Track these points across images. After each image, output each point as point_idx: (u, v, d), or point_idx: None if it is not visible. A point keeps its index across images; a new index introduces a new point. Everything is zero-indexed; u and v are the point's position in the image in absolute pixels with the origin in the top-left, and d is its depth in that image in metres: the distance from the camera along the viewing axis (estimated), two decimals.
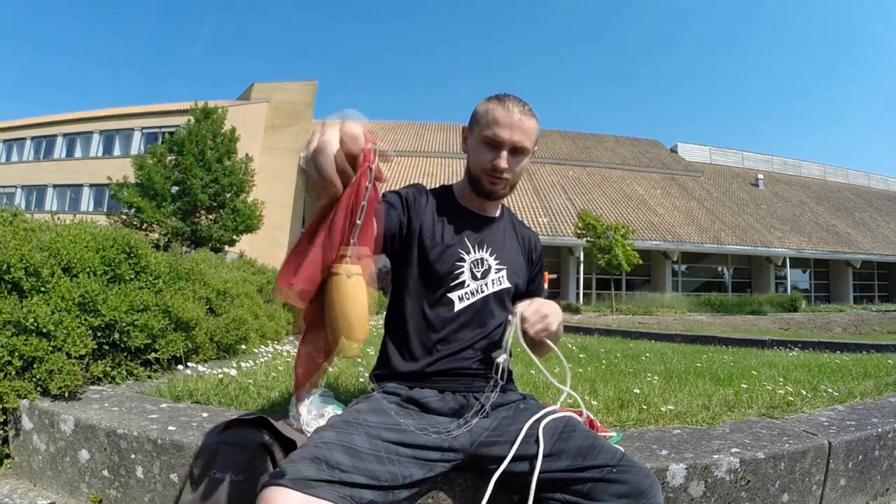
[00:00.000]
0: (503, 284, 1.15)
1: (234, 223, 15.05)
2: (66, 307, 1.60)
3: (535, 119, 1.10)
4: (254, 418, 1.07)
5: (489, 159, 1.07)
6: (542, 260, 1.30)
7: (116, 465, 1.27)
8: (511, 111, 1.06)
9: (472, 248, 1.13)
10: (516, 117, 1.06)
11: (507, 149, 1.07)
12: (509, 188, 1.13)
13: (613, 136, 30.11)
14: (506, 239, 1.20)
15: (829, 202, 27.58)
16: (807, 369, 2.88)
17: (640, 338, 6.83)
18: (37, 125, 23.22)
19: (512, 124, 1.06)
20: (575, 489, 0.88)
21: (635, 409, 1.61)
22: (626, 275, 17.07)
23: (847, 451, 1.36)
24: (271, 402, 1.60)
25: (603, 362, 3.15)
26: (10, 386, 1.43)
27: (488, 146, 1.08)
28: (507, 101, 1.08)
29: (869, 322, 14.68)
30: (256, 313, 3.11)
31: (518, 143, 1.07)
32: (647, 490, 0.85)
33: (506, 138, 1.06)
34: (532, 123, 1.08)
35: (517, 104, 1.07)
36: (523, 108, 1.08)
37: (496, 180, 1.09)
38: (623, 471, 0.87)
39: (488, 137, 1.07)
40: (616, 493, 0.85)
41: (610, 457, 0.89)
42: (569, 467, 0.89)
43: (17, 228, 1.74)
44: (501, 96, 1.10)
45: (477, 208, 1.18)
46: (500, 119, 1.06)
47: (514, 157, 1.08)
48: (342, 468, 0.80)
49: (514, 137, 1.06)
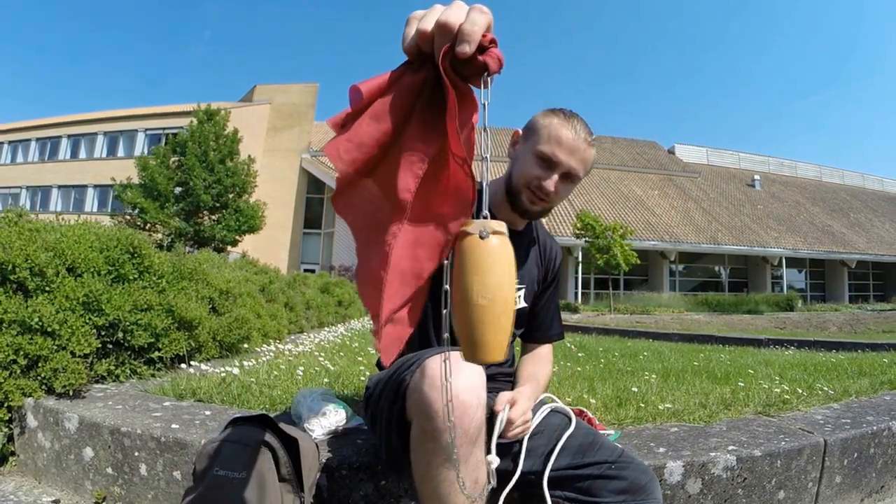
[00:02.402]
0: (520, 304, 1.12)
1: (237, 224, 15.14)
2: (70, 307, 1.61)
3: (594, 149, 1.03)
4: (256, 416, 1.08)
5: (537, 176, 0.99)
6: (558, 274, 1.23)
7: (120, 463, 1.28)
8: (578, 135, 0.98)
9: None
10: (580, 144, 0.98)
11: (561, 172, 0.99)
12: (546, 212, 1.06)
13: (611, 138, 30.12)
14: (529, 256, 1.14)
15: (824, 203, 27.67)
16: (803, 368, 2.90)
17: (638, 337, 6.84)
18: (41, 127, 23.31)
19: (575, 150, 0.98)
20: (576, 486, 0.89)
21: (633, 407, 1.62)
22: (623, 274, 17.09)
23: (842, 449, 1.37)
24: (273, 400, 1.61)
25: (601, 361, 3.17)
26: (15, 384, 1.44)
27: (541, 162, 0.99)
28: (574, 121, 1.00)
29: (864, 321, 14.74)
30: (259, 313, 3.12)
31: (573, 170, 0.99)
32: (645, 486, 0.86)
33: (563, 161, 0.98)
34: (592, 154, 1.02)
35: (584, 129, 1.00)
36: (588, 136, 1.00)
37: (537, 200, 1.02)
38: (622, 467, 0.88)
39: (545, 154, 0.98)
40: (615, 489, 0.86)
41: (609, 453, 0.90)
42: (570, 465, 0.90)
43: (23, 229, 1.75)
44: (569, 114, 1.01)
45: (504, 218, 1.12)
46: (564, 139, 0.98)
47: (563, 182, 1.01)
48: None
49: (573, 163, 0.99)
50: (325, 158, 18.97)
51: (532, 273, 1.14)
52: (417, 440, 0.77)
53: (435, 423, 0.72)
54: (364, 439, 1.22)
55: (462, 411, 0.72)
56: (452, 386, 0.71)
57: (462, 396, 0.72)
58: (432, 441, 0.74)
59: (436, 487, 0.75)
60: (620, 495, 0.86)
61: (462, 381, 0.73)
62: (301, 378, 1.93)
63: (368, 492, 1.09)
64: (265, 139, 21.71)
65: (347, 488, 1.09)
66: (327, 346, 3.39)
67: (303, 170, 21.87)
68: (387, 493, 1.09)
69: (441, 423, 0.72)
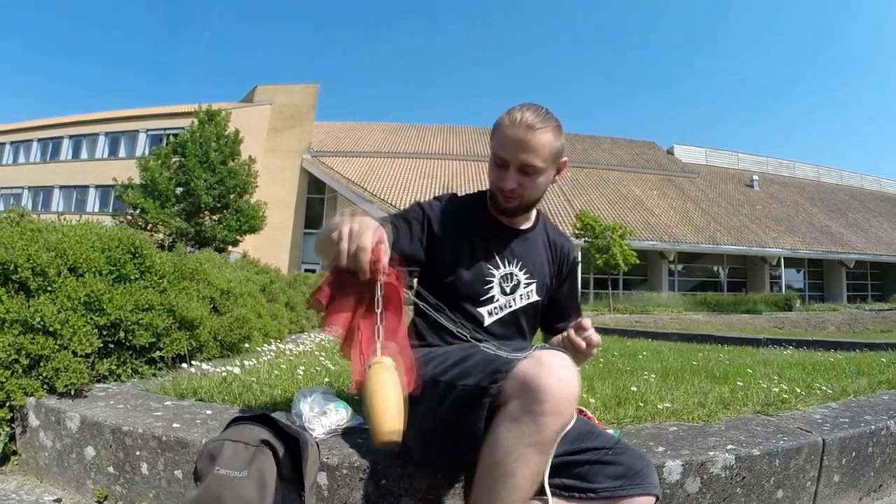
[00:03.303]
0: (532, 298, 1.14)
1: (238, 224, 15.17)
2: (72, 306, 1.61)
3: (549, 134, 0.99)
4: (257, 416, 1.08)
5: (497, 177, 1.03)
6: (574, 268, 1.24)
7: (122, 462, 1.28)
8: (517, 129, 0.97)
9: (502, 262, 1.11)
10: (521, 135, 0.97)
11: (514, 168, 1.00)
12: (524, 207, 1.08)
13: (611, 138, 30.15)
14: (538, 252, 1.16)
15: (822, 203, 27.71)
16: (801, 367, 2.90)
17: (637, 336, 6.85)
18: (43, 127, 23.38)
19: (517, 144, 0.98)
20: (573, 472, 0.90)
21: (632, 406, 1.62)
22: (623, 274, 17.11)
23: (841, 448, 1.38)
24: (274, 399, 1.62)
25: (600, 360, 3.17)
26: (17, 384, 1.45)
27: (496, 164, 1.03)
28: (515, 114, 0.99)
29: (862, 321, 14.77)
30: (259, 312, 3.12)
31: (526, 160, 0.99)
32: (641, 471, 0.87)
33: (507, 158, 1.00)
34: (542, 140, 0.98)
35: (530, 118, 0.98)
36: (532, 125, 0.97)
37: (509, 199, 1.05)
38: (618, 453, 0.89)
39: (495, 156, 1.02)
40: (611, 475, 0.87)
41: (605, 440, 0.92)
42: (567, 451, 0.91)
43: (24, 229, 1.75)
44: (515, 109, 1.01)
45: (507, 220, 1.14)
46: (506, 136, 0.99)
47: (524, 175, 1.01)
48: None
49: (519, 157, 0.98)
50: (326, 159, 18.98)
51: (543, 269, 1.16)
52: (514, 420, 0.79)
53: (545, 406, 0.76)
54: (364, 438, 1.22)
55: (569, 402, 0.77)
56: (569, 380, 0.77)
57: (574, 389, 0.78)
58: (532, 424, 0.77)
59: (516, 468, 0.78)
60: (617, 480, 0.86)
61: (575, 380, 0.79)
62: (302, 377, 1.93)
63: (369, 491, 1.09)
64: (266, 140, 21.77)
65: (348, 487, 1.09)
66: (328, 345, 3.39)
67: (303, 170, 21.89)
68: (387, 492, 1.09)
69: (551, 406, 0.76)
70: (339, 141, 24.54)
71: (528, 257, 1.14)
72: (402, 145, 25.22)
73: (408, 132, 27.46)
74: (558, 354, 0.81)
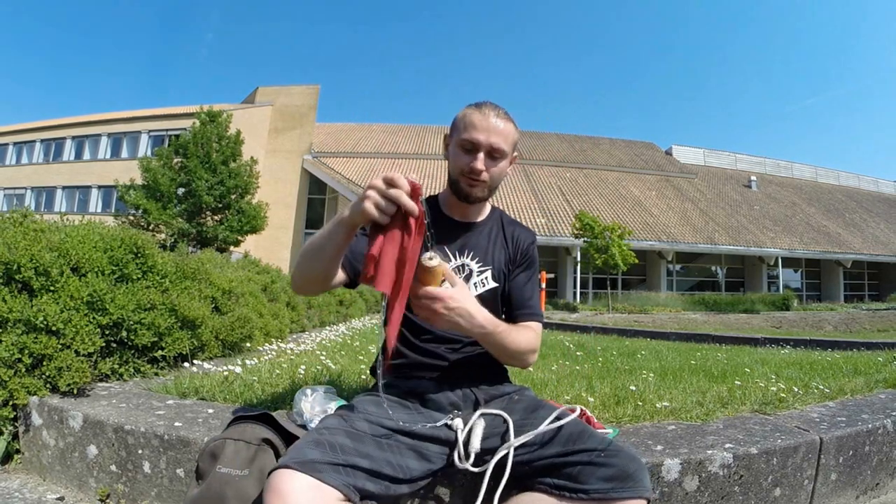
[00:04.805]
0: (489, 284, 1.17)
1: (239, 224, 15.21)
2: (74, 306, 1.62)
3: (512, 124, 1.13)
4: (258, 414, 1.09)
5: (466, 162, 1.11)
6: (534, 259, 1.25)
7: (124, 461, 1.29)
8: (487, 115, 1.10)
9: (454, 256, 1.16)
10: (492, 121, 1.09)
11: (484, 151, 1.10)
12: (488, 191, 1.15)
13: (609, 139, 30.20)
14: (490, 241, 1.21)
15: (820, 203, 27.77)
16: (799, 367, 2.91)
17: (636, 336, 6.85)
18: (46, 128, 23.41)
19: (488, 128, 1.09)
20: (564, 472, 0.91)
21: (631, 405, 1.63)
22: (622, 274, 17.13)
23: (838, 447, 1.39)
24: (275, 398, 1.62)
25: (599, 360, 3.18)
26: (20, 383, 1.45)
27: (465, 150, 1.11)
28: (483, 106, 1.12)
29: (859, 320, 14.79)
30: (261, 312, 3.13)
31: (494, 144, 1.09)
32: (633, 473, 0.87)
33: (482, 140, 1.09)
34: (508, 127, 1.12)
35: (493, 109, 1.11)
36: (499, 113, 1.11)
37: (474, 182, 1.12)
38: (610, 455, 0.89)
39: (465, 141, 1.10)
40: (603, 476, 0.87)
41: (598, 442, 0.92)
42: (559, 452, 0.92)
43: (28, 229, 1.76)
44: (479, 103, 1.13)
45: (459, 216, 1.20)
46: (476, 123, 1.09)
47: (491, 160, 1.11)
48: (345, 450, 0.85)
49: (490, 140, 1.09)
50: (327, 159, 18.92)
51: (498, 256, 1.20)
52: None
53: None
54: None
55: None
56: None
57: None
58: None
59: None
60: (608, 482, 0.87)
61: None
62: (303, 376, 1.94)
63: None
64: (267, 140, 21.82)
65: None
66: (329, 344, 3.40)
67: (304, 171, 21.90)
68: None
69: None
70: (339, 141, 24.55)
71: (479, 247, 1.19)
72: (403, 145, 25.24)
73: (408, 132, 27.48)
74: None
